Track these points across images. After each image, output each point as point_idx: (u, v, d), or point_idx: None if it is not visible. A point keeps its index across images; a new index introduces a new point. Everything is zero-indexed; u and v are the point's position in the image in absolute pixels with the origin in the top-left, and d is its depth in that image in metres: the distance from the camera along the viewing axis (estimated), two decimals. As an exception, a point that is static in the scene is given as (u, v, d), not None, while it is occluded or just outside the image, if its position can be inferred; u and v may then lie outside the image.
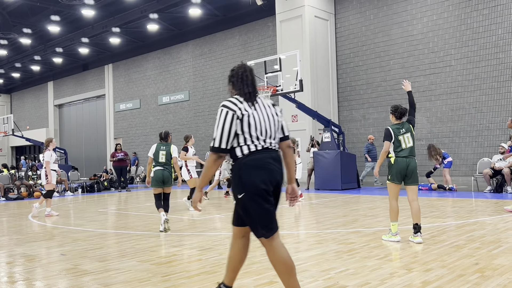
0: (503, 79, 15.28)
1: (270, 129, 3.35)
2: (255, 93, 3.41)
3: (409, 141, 6.13)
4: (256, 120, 3.30)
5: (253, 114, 3.30)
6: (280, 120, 3.48)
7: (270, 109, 3.42)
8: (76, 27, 25.32)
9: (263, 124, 3.32)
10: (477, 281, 4.09)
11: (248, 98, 3.35)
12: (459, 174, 15.77)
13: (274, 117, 3.41)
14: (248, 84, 3.39)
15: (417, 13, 17.24)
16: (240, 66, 3.49)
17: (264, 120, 3.34)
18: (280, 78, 14.47)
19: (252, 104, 3.34)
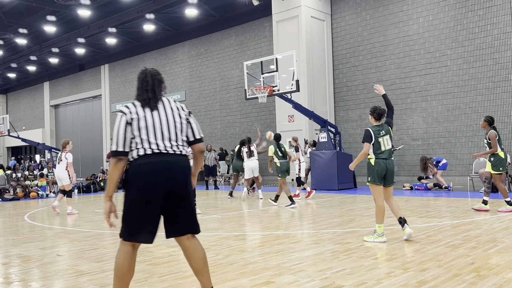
0: (499, 79, 15.34)
1: (169, 132, 3.28)
2: (155, 98, 3.34)
3: (388, 144, 6.24)
4: (149, 123, 3.26)
5: (144, 118, 3.26)
6: (185, 123, 3.40)
7: (173, 111, 3.36)
8: (72, 27, 25.26)
9: (157, 128, 3.26)
10: (473, 281, 4.11)
11: (145, 104, 3.31)
12: (455, 174, 15.82)
13: (176, 119, 3.34)
14: (147, 90, 3.35)
15: (413, 13, 17.29)
16: (142, 71, 3.46)
17: (161, 123, 3.28)
18: (276, 78, 14.48)
19: (151, 108, 3.29)
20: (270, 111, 21.26)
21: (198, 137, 3.44)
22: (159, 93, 3.39)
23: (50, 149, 24.47)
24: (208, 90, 24.45)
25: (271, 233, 7.21)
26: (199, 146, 3.46)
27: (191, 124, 3.44)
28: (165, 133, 3.27)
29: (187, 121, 3.42)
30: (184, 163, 3.31)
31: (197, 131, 3.44)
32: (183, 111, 3.41)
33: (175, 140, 3.31)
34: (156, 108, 3.31)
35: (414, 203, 10.39)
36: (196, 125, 3.45)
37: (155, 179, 3.18)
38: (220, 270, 4.86)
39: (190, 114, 3.47)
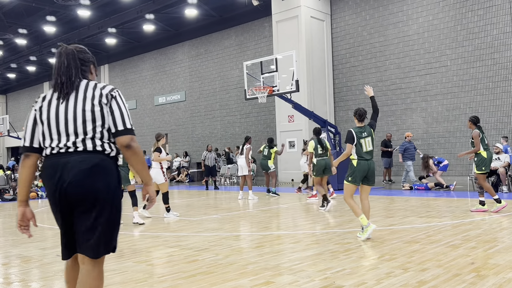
0: (498, 79, 15.35)
1: (67, 126, 2.61)
2: (68, 83, 2.67)
3: (369, 145, 6.47)
4: (51, 116, 2.66)
5: (48, 108, 2.68)
6: (98, 110, 2.64)
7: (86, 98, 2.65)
8: (71, 28, 25.26)
9: (60, 121, 2.64)
10: (473, 281, 4.11)
11: (58, 89, 2.68)
12: (455, 174, 15.83)
13: (87, 107, 2.63)
14: (60, 73, 2.70)
15: (412, 13, 17.29)
16: (57, 50, 2.79)
17: (65, 115, 2.63)
18: (276, 79, 14.48)
19: (61, 96, 2.66)
20: (270, 111, 21.26)
21: (119, 128, 2.66)
22: (76, 77, 2.71)
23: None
24: (208, 90, 24.44)
25: (271, 233, 7.21)
26: (120, 139, 2.66)
27: (112, 111, 2.67)
28: (64, 128, 2.62)
29: (109, 108, 2.66)
30: (86, 162, 2.57)
31: (119, 120, 2.67)
32: (99, 97, 2.65)
33: (77, 134, 2.61)
34: (67, 95, 2.65)
35: (414, 203, 10.39)
36: (119, 113, 2.68)
37: (51, 185, 2.61)
38: (220, 270, 4.86)
39: (113, 99, 2.69)
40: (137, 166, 2.73)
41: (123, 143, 2.67)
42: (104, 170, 2.63)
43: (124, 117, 2.70)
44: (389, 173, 17.05)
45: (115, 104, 2.69)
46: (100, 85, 2.71)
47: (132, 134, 2.71)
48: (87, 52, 2.87)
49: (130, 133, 2.70)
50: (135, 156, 2.69)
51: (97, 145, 2.63)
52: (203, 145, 24.15)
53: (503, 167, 12.40)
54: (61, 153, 2.61)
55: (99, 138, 2.64)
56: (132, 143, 2.67)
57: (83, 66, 2.80)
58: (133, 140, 2.68)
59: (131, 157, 2.69)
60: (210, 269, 4.93)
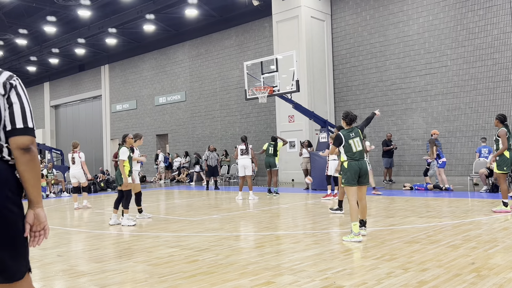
0: (499, 79, 15.34)
1: None
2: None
3: (359, 145, 6.55)
4: None
5: None
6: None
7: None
8: (72, 28, 25.26)
9: None
10: (473, 281, 4.11)
11: None
12: (455, 174, 15.82)
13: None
14: None
15: (413, 13, 17.29)
16: None
17: None
18: (276, 79, 14.49)
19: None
20: (270, 111, 21.26)
21: (18, 126, 2.08)
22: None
23: (50, 150, 24.51)
24: (208, 91, 24.45)
25: (271, 233, 7.21)
26: (17, 140, 2.07)
27: (11, 104, 2.10)
28: None
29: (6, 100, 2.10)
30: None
31: (19, 116, 2.10)
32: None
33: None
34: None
35: (414, 203, 10.39)
36: (19, 106, 2.11)
37: None
38: (220, 270, 4.86)
39: (12, 89, 2.12)
40: (31, 177, 2.09)
41: (20, 145, 2.06)
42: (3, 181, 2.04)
43: (26, 113, 2.11)
44: (389, 173, 17.05)
45: (14, 96, 2.11)
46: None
47: (33, 135, 2.13)
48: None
49: (31, 133, 2.11)
50: (32, 164, 2.08)
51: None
52: (204, 145, 24.15)
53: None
54: None
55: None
56: (32, 146, 2.10)
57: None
58: (33, 143, 2.11)
59: (28, 164, 2.07)
60: (211, 269, 4.94)
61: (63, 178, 19.45)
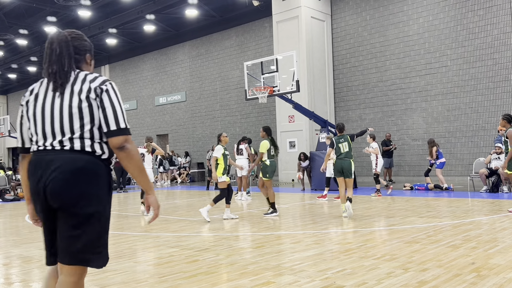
0: (499, 79, 15.34)
1: (50, 122, 2.38)
2: (63, 72, 2.39)
3: (346, 148, 8.70)
4: (37, 109, 2.42)
5: (32, 104, 2.44)
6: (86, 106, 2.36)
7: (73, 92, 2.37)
8: (72, 28, 25.24)
9: (38, 118, 2.41)
10: (473, 281, 4.11)
11: (51, 80, 2.42)
12: (455, 174, 15.82)
13: (73, 103, 2.36)
14: (51, 61, 2.42)
15: (413, 13, 17.29)
16: (49, 37, 2.49)
17: (43, 109, 2.40)
18: (276, 79, 14.49)
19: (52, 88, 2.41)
20: (270, 111, 21.27)
21: (112, 128, 2.36)
22: (69, 67, 2.43)
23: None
24: (208, 91, 24.45)
25: (271, 233, 7.22)
26: (112, 140, 2.38)
27: (103, 108, 2.38)
28: (50, 124, 2.37)
29: (99, 104, 2.38)
30: (71, 164, 2.31)
31: (111, 118, 2.37)
32: (87, 92, 2.37)
33: (64, 132, 2.36)
34: (61, 87, 2.38)
35: (414, 203, 10.39)
36: (111, 109, 2.38)
37: (33, 183, 2.38)
38: (220, 270, 4.87)
39: (104, 93, 2.40)
40: (133, 171, 2.42)
41: (115, 145, 2.37)
42: (89, 174, 2.34)
43: (117, 115, 2.37)
44: (389, 173, 17.04)
45: (106, 100, 2.37)
46: (90, 76, 2.42)
47: (127, 134, 2.39)
48: (84, 39, 2.58)
49: (124, 133, 2.38)
50: (129, 160, 2.39)
51: (86, 145, 2.36)
52: (204, 146, 24.16)
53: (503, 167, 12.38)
54: (47, 150, 2.36)
55: (88, 137, 2.36)
56: (127, 144, 2.37)
57: (77, 55, 2.50)
58: (127, 141, 2.38)
59: (125, 161, 2.39)
60: (211, 269, 4.94)
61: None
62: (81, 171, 2.32)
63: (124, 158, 2.39)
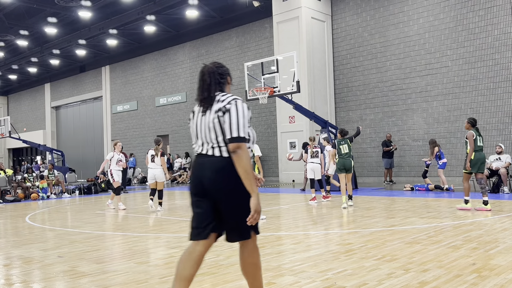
0: (499, 79, 15.34)
1: (201, 134, 3.18)
2: (209, 98, 3.19)
3: (345, 149, 10.44)
4: (192, 126, 3.29)
5: (192, 121, 3.30)
6: (217, 122, 3.09)
7: (211, 111, 3.14)
8: (73, 29, 25.29)
9: (193, 130, 3.27)
10: (474, 281, 4.11)
11: (201, 104, 3.23)
12: (456, 174, 15.80)
13: (210, 119, 3.13)
14: (204, 90, 3.23)
15: (413, 14, 17.29)
16: (201, 70, 3.32)
17: (197, 125, 3.23)
18: (277, 79, 14.48)
19: (203, 109, 3.19)
20: (270, 112, 21.27)
21: (228, 136, 3.06)
22: (215, 91, 3.23)
23: (51, 151, 24.52)
24: (208, 91, 24.43)
25: (272, 234, 7.21)
26: (229, 146, 3.07)
27: (225, 121, 3.10)
28: (199, 135, 3.21)
29: (225, 118, 3.09)
30: (212, 164, 3.10)
31: (228, 129, 3.06)
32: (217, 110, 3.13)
33: (207, 142, 3.17)
34: (207, 109, 3.17)
35: (415, 204, 10.38)
36: (229, 123, 3.06)
37: (194, 177, 3.22)
38: (221, 271, 4.86)
39: (227, 111, 3.09)
40: (240, 172, 3.02)
41: (230, 149, 3.05)
42: (226, 171, 3.06)
43: (232, 127, 3.05)
44: (390, 173, 17.04)
45: (227, 115, 3.08)
46: (222, 97, 3.17)
47: (240, 141, 3.02)
48: (224, 66, 3.40)
49: (237, 141, 3.02)
50: (239, 162, 3.00)
51: (221, 151, 3.10)
52: (204, 146, 24.13)
53: (504, 167, 12.39)
54: (201, 154, 3.20)
55: (221, 145, 3.11)
56: (238, 150, 3.01)
57: (222, 79, 3.31)
58: (239, 148, 3.01)
59: (236, 163, 3.02)
60: (212, 270, 4.94)
61: (64, 179, 19.48)
62: (220, 170, 3.08)
63: (235, 160, 3.03)
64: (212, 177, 3.08)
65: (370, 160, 18.35)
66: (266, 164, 21.03)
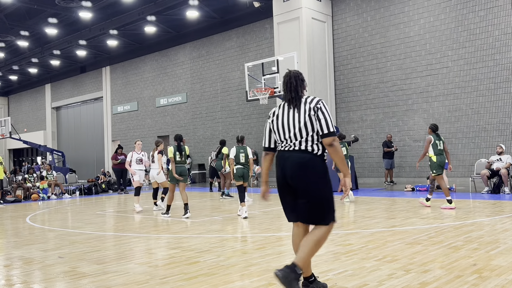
0: (500, 80, 15.33)
1: (292, 130, 3.65)
2: (297, 97, 3.71)
3: (344, 151, 10.71)
4: (278, 123, 3.75)
5: (276, 121, 3.76)
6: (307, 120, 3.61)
7: (300, 110, 3.65)
8: (73, 30, 25.30)
9: (280, 127, 3.73)
10: (475, 282, 4.10)
11: (290, 103, 3.73)
12: (457, 175, 15.80)
13: (302, 117, 3.62)
14: (291, 91, 3.74)
15: (414, 14, 17.28)
16: (286, 73, 3.85)
17: (284, 122, 3.71)
18: (277, 80, 14.50)
19: (289, 108, 3.71)
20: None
21: (324, 132, 3.59)
22: (300, 93, 3.75)
23: (52, 151, 24.54)
24: (209, 92, 24.46)
25: (272, 234, 7.21)
26: (324, 140, 3.60)
27: (319, 119, 3.62)
28: (289, 132, 3.67)
29: (316, 117, 3.62)
30: (300, 158, 3.60)
31: (324, 126, 3.59)
32: (309, 110, 3.63)
33: (297, 138, 3.65)
34: (295, 107, 3.68)
35: (415, 204, 10.37)
36: (324, 120, 3.60)
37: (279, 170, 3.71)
38: (221, 272, 4.86)
39: (319, 110, 3.63)
40: (336, 160, 3.62)
41: (327, 143, 3.59)
42: (311, 164, 3.59)
43: (328, 123, 3.59)
44: (390, 174, 17.03)
45: (320, 114, 3.61)
46: (309, 99, 3.69)
47: (334, 135, 3.58)
48: (301, 73, 3.91)
49: (332, 135, 3.58)
50: (335, 153, 3.59)
51: (308, 146, 3.62)
52: (205, 147, 24.16)
53: (505, 168, 12.38)
54: (284, 150, 3.69)
55: (310, 141, 3.62)
56: (334, 142, 3.58)
57: (303, 83, 3.80)
58: (334, 140, 3.58)
59: (333, 154, 3.59)
60: (212, 270, 4.93)
61: (64, 179, 19.48)
62: (305, 163, 3.60)
63: (332, 151, 3.59)
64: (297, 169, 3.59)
65: (371, 160, 18.34)
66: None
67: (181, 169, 9.69)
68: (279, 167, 3.69)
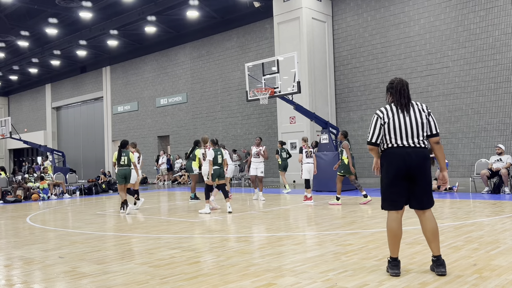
0: (500, 80, 15.33)
1: (410, 130, 4.34)
2: (410, 103, 4.41)
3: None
4: (391, 126, 4.38)
5: (392, 120, 4.38)
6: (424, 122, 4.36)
7: (416, 114, 4.38)
8: (73, 30, 25.32)
9: (397, 128, 4.36)
10: (475, 282, 4.10)
11: (403, 108, 4.39)
12: (457, 175, 15.80)
13: (420, 120, 4.36)
14: (404, 96, 4.41)
15: (414, 14, 17.29)
16: (397, 81, 4.51)
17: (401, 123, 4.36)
18: (277, 80, 14.48)
19: (402, 111, 4.37)
20: (271, 112, 21.27)
21: (433, 132, 4.40)
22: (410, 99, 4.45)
23: (52, 151, 24.54)
24: (209, 92, 24.46)
25: (272, 234, 7.21)
26: (433, 139, 4.42)
27: (429, 122, 4.40)
28: (409, 132, 4.35)
29: (427, 120, 4.39)
30: (421, 153, 4.35)
31: (434, 127, 4.40)
32: (425, 114, 4.40)
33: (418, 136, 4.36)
34: (408, 112, 4.38)
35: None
36: (433, 122, 4.41)
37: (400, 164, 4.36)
38: (222, 272, 4.86)
39: (429, 114, 4.43)
40: (441, 156, 4.50)
41: (435, 141, 4.42)
42: (428, 157, 4.41)
43: (436, 125, 4.43)
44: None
45: (430, 117, 4.43)
46: (419, 105, 4.47)
47: (439, 135, 4.45)
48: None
49: (438, 135, 4.45)
50: (441, 150, 4.48)
51: (425, 143, 4.39)
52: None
53: (505, 168, 12.37)
54: (405, 146, 4.35)
55: (424, 139, 4.40)
56: (440, 140, 4.46)
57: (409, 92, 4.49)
58: (439, 139, 4.45)
59: (438, 150, 4.45)
60: (212, 270, 4.93)
61: (64, 179, 19.47)
62: (425, 157, 4.38)
63: (438, 148, 4.46)
64: (421, 162, 4.32)
65: (371, 160, 18.28)
66: (267, 165, 21.00)
67: (125, 171, 11.00)
68: (400, 161, 4.31)
